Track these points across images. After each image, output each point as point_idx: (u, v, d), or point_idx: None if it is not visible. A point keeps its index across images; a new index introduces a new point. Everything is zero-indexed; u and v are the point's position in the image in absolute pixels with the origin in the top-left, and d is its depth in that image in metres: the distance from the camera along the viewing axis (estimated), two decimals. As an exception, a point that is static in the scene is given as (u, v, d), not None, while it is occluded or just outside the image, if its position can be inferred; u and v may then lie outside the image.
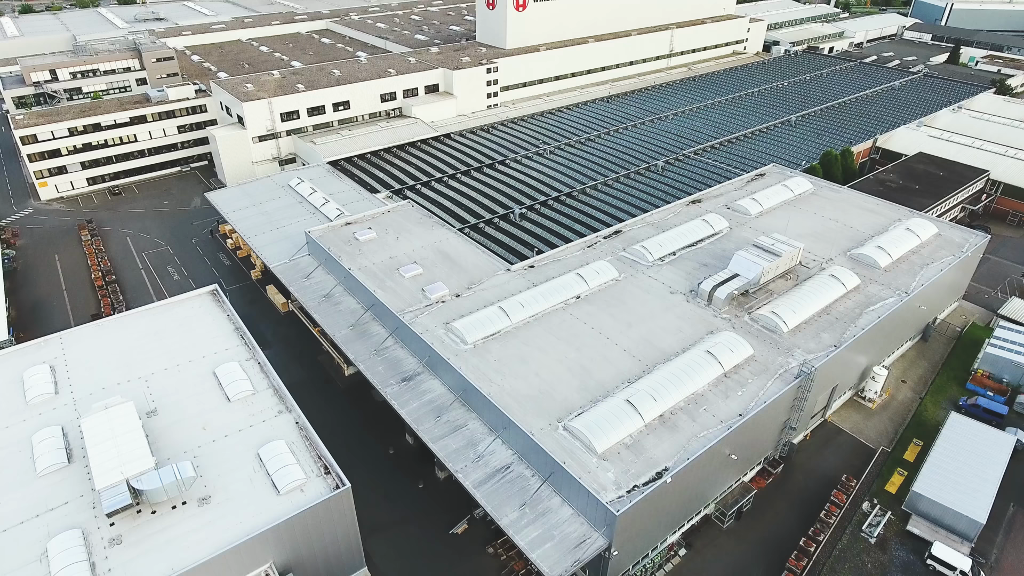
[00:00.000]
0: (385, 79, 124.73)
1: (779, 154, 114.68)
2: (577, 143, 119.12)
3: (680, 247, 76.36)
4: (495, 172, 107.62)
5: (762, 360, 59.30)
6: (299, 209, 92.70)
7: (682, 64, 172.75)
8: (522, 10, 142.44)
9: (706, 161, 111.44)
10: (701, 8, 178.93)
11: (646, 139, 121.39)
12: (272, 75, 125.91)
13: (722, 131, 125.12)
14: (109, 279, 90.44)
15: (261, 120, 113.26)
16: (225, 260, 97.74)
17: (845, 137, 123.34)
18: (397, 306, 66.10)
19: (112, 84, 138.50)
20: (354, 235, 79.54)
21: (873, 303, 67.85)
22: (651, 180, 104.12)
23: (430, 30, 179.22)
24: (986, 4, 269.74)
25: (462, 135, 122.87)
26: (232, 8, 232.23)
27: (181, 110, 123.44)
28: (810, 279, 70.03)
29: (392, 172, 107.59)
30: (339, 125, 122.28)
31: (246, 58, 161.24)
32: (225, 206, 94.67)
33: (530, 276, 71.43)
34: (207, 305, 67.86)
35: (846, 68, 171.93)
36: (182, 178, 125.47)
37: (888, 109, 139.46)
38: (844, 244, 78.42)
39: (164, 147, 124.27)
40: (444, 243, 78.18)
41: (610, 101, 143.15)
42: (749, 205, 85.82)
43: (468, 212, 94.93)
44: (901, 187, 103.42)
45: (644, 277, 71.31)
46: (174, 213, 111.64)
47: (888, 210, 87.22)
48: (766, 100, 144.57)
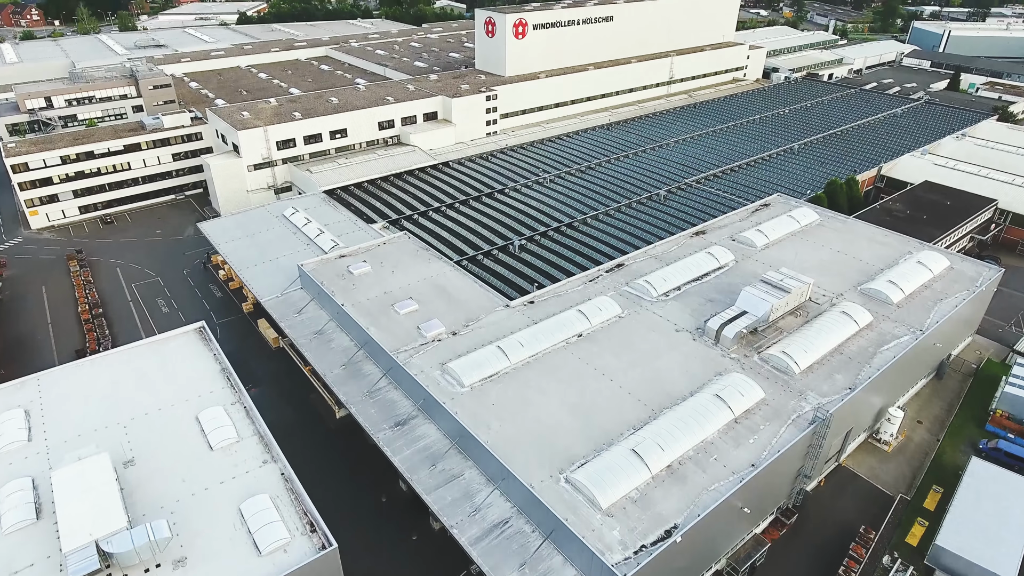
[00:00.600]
0: (383, 107, 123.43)
1: (783, 183, 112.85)
2: (577, 171, 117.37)
3: (685, 281, 73.88)
4: (494, 201, 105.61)
5: (774, 404, 56.41)
6: (293, 240, 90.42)
7: (682, 91, 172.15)
8: (522, 38, 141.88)
9: (709, 190, 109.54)
10: (701, 35, 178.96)
11: (647, 167, 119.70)
12: (269, 103, 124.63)
13: (724, 159, 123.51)
14: (96, 312, 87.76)
15: (256, 148, 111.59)
16: (216, 292, 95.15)
17: (849, 165, 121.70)
18: (391, 345, 63.40)
19: (108, 111, 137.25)
20: (348, 268, 77.09)
21: (887, 341, 65.16)
22: (653, 210, 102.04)
23: (429, 57, 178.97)
24: (983, 31, 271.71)
25: (461, 163, 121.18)
26: (233, 35, 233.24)
27: (176, 138, 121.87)
28: (821, 316, 67.42)
29: (389, 201, 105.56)
30: (336, 153, 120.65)
31: (244, 85, 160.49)
32: (217, 237, 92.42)
33: (530, 312, 68.82)
34: (193, 343, 65.07)
35: (847, 95, 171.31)
36: (176, 206, 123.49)
37: (891, 137, 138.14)
38: (854, 278, 75.96)
39: (158, 175, 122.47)
40: (441, 277, 75.68)
41: (610, 129, 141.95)
42: (755, 237, 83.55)
43: (466, 243, 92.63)
44: (908, 217, 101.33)
45: (648, 314, 68.69)
46: (166, 242, 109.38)
47: (897, 242, 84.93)
48: (768, 127, 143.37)
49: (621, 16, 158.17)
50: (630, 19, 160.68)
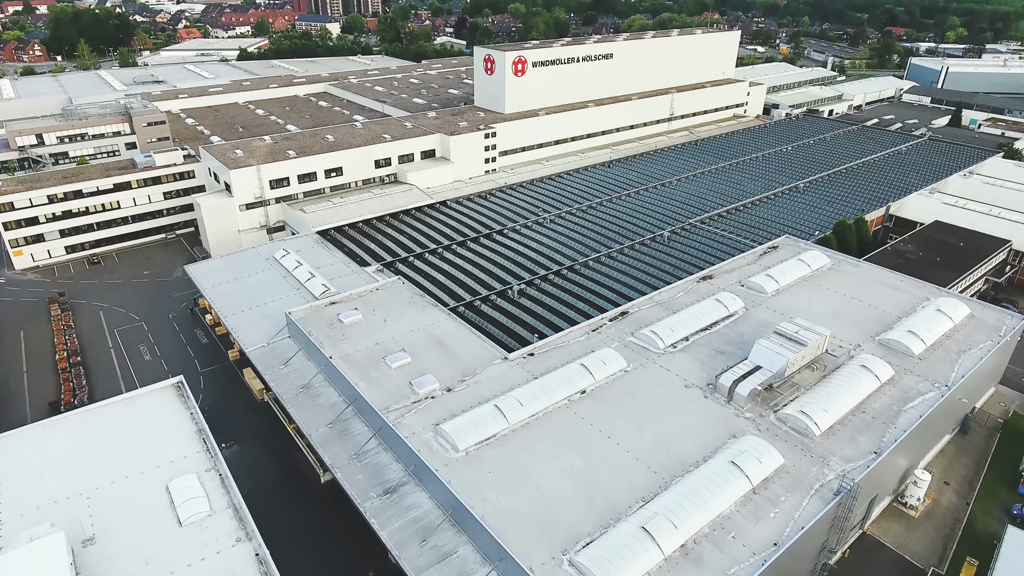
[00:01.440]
0: (379, 145, 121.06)
1: (790, 223, 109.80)
2: (578, 211, 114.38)
3: (693, 331, 69.97)
4: (492, 243, 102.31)
5: (794, 472, 52.01)
6: (283, 284, 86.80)
7: (683, 127, 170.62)
8: (521, 75, 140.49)
9: (714, 231, 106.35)
10: (701, 72, 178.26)
11: (650, 206, 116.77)
12: (263, 140, 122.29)
13: (728, 198, 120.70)
14: (74, 360, 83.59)
15: (249, 188, 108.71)
16: (202, 337, 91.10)
17: (856, 204, 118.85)
18: (381, 402, 59.22)
19: (100, 148, 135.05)
20: (338, 317, 73.23)
21: (911, 398, 61.03)
22: (657, 252, 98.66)
23: (428, 94, 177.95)
24: (980, 68, 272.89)
25: (459, 202, 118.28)
26: (232, 71, 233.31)
27: (168, 176, 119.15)
28: (839, 370, 63.39)
29: (384, 242, 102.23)
30: (331, 192, 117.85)
31: (241, 121, 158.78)
32: (204, 280, 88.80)
33: (529, 366, 64.76)
34: (169, 401, 60.82)
35: (849, 132, 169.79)
36: (166, 246, 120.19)
37: (897, 174, 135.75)
38: (871, 327, 72.10)
39: (148, 214, 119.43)
40: (435, 326, 71.78)
41: (611, 166, 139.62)
42: (764, 282, 79.92)
43: (463, 288, 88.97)
44: (921, 259, 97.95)
45: (655, 367, 64.63)
46: (153, 284, 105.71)
47: (913, 287, 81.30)
48: (771, 165, 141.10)
49: (621, 53, 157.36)
50: (630, 56, 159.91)
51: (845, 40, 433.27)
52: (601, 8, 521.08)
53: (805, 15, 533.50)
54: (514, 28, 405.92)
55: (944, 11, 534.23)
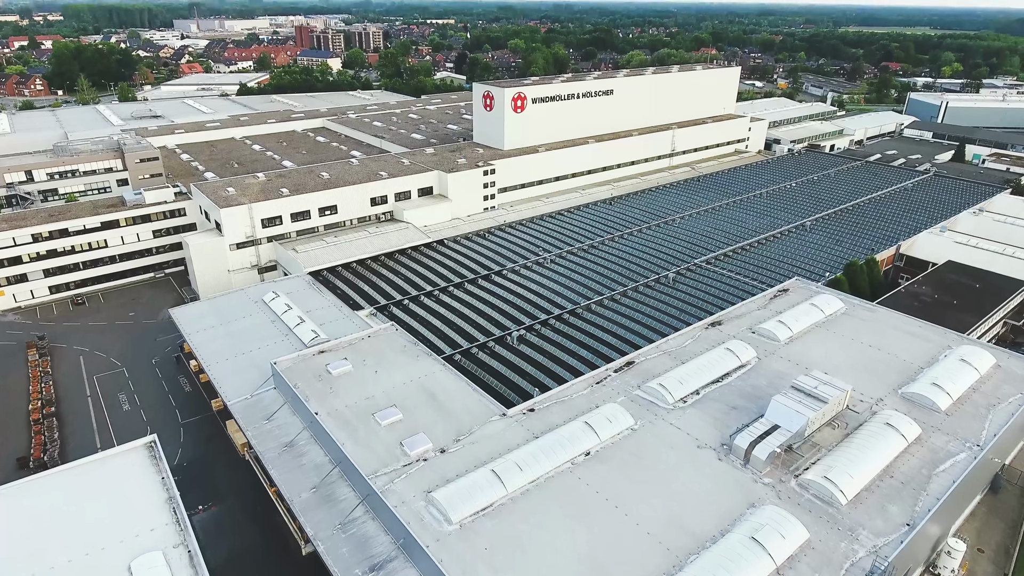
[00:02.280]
0: (376, 182, 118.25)
1: (798, 263, 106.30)
2: (580, 250, 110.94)
3: (704, 384, 65.74)
4: (491, 284, 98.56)
5: (821, 548, 47.29)
6: (271, 330, 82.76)
7: (685, 163, 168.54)
8: (520, 111, 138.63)
9: (720, 272, 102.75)
10: (702, 108, 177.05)
11: (653, 246, 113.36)
12: (257, 177, 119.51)
13: (733, 237, 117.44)
14: (48, 411, 79.06)
15: (240, 227, 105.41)
16: (186, 385, 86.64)
17: (865, 243, 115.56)
18: (369, 466, 54.74)
19: (91, 185, 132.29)
20: (327, 367, 69.02)
21: (942, 460, 56.58)
22: (662, 294, 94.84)
23: (427, 129, 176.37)
24: (980, 102, 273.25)
25: (456, 241, 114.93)
26: (231, 106, 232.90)
27: (158, 214, 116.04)
28: (862, 428, 59.00)
29: (378, 284, 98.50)
30: (325, 230, 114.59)
31: (237, 157, 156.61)
32: (189, 325, 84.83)
33: (529, 423, 60.37)
34: (140, 464, 56.26)
35: (853, 167, 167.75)
36: (154, 285, 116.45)
37: (905, 212, 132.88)
38: (892, 379, 67.88)
39: (137, 252, 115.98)
40: (430, 379, 67.53)
41: (613, 203, 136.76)
42: (776, 329, 75.93)
43: (460, 333, 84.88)
44: (937, 302, 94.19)
45: (665, 424, 60.24)
46: (138, 327, 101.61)
47: (933, 334, 77.30)
48: (776, 202, 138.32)
49: (621, 89, 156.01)
50: (630, 92, 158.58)
51: (842, 75, 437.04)
52: (600, 44, 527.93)
53: (801, 51, 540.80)
54: (514, 64, 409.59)
55: (938, 47, 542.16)
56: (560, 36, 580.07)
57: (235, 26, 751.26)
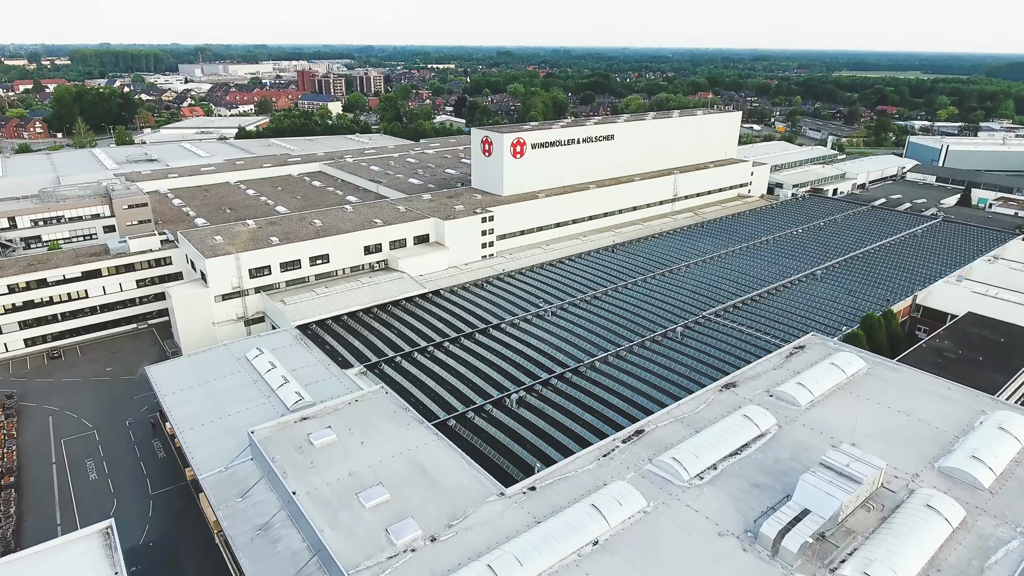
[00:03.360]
0: (370, 230, 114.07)
1: (811, 316, 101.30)
2: (582, 301, 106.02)
3: (721, 456, 59.91)
4: (489, 339, 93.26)
5: (868, 664, 40.97)
6: (252, 391, 77.15)
7: (687, 208, 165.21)
8: (519, 157, 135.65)
9: (730, 325, 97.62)
10: (704, 153, 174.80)
11: (658, 296, 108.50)
12: (246, 225, 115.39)
13: (742, 286, 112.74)
14: (7, 481, 72.84)
15: (226, 277, 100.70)
16: (160, 450, 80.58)
17: (879, 294, 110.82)
18: (351, 557, 48.61)
19: (76, 232, 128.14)
20: (308, 437, 63.23)
21: (992, 548, 50.42)
22: (670, 351, 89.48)
23: (425, 173, 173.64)
24: (980, 146, 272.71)
25: (453, 292, 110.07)
26: (228, 149, 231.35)
27: (143, 263, 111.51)
28: (900, 511, 52.96)
29: (369, 339, 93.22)
30: (316, 280, 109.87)
31: (230, 202, 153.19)
32: (165, 385, 79.18)
33: (530, 505, 54.36)
34: (92, 554, 49.97)
35: (859, 213, 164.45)
36: (136, 337, 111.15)
37: (917, 259, 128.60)
38: (926, 450, 62.09)
39: (119, 303, 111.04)
40: (421, 451, 61.68)
41: (615, 251, 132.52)
42: (796, 392, 70.38)
43: (455, 395, 79.22)
44: (962, 359, 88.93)
45: (680, 506, 54.22)
46: (114, 383, 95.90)
47: (965, 397, 71.73)
48: (784, 249, 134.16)
49: (622, 134, 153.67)
50: (631, 137, 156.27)
51: (839, 119, 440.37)
52: (598, 88, 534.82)
53: (797, 95, 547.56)
54: (513, 107, 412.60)
55: (932, 91, 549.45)
56: (559, 80, 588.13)
57: (239, 70, 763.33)
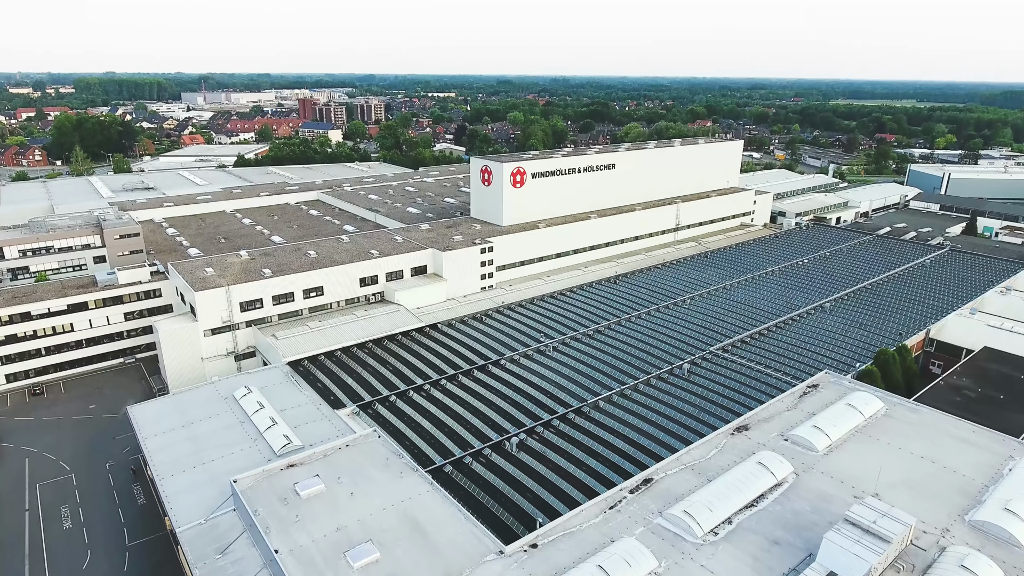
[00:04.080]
0: (366, 262, 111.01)
1: (822, 351, 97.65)
2: (584, 335, 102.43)
3: (736, 509, 55.86)
4: (488, 376, 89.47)
5: None
6: (238, 433, 73.34)
7: (690, 237, 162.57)
8: (519, 186, 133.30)
9: (738, 361, 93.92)
10: (706, 181, 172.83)
11: (663, 330, 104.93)
12: (239, 256, 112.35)
13: (749, 320, 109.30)
14: (-26, 531, 68.57)
15: (216, 311, 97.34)
16: (140, 496, 76.25)
17: (891, 327, 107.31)
18: (335, 627, 44.33)
19: (65, 263, 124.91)
20: (295, 487, 59.20)
21: (1035, 616, 46.22)
22: (677, 389, 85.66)
23: (424, 202, 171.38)
24: (982, 174, 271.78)
25: (451, 325, 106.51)
26: (227, 177, 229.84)
27: (131, 295, 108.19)
28: (932, 572, 48.83)
29: (363, 376, 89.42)
30: (310, 313, 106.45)
31: (225, 231, 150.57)
32: (147, 427, 75.39)
33: (532, 565, 50.17)
34: (53, 624, 45.80)
35: (865, 242, 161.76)
36: (122, 372, 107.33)
37: (927, 290, 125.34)
38: (956, 502, 58.05)
39: (105, 336, 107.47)
40: (414, 503, 57.60)
41: (617, 282, 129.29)
42: (812, 436, 66.49)
43: (452, 438, 75.19)
44: (981, 397, 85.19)
45: (695, 567, 50.06)
46: (97, 422, 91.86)
47: (990, 441, 67.83)
48: (790, 280, 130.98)
49: (623, 163, 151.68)
50: (632, 166, 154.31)
51: (838, 146, 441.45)
52: (597, 117, 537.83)
53: (795, 123, 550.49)
54: (513, 136, 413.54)
55: (929, 119, 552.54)
56: (558, 109, 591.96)
57: (241, 99, 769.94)
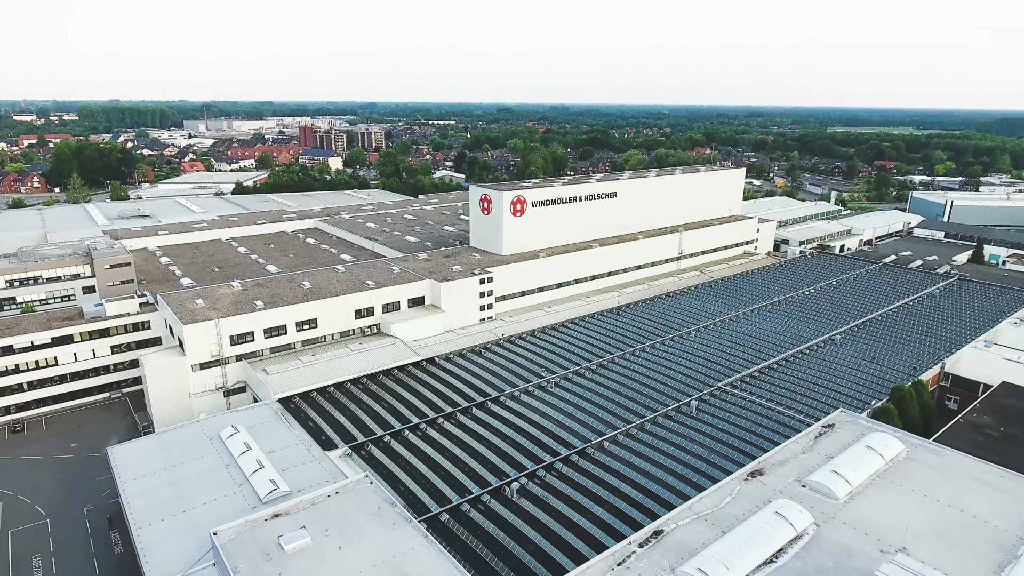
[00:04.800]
0: (361, 293, 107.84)
1: (835, 387, 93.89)
2: (587, 370, 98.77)
3: (755, 566, 51.79)
4: (486, 414, 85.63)
5: None
6: (223, 477, 69.35)
7: (693, 266, 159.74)
8: (520, 215, 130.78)
9: (747, 398, 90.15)
10: (708, 210, 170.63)
11: (668, 365, 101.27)
12: (231, 287, 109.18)
13: (757, 353, 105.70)
14: (-63, 585, 64.17)
15: (205, 345, 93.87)
16: (117, 544, 71.81)
17: (904, 361, 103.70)
18: None
19: (53, 293, 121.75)
20: (279, 541, 55.03)
21: None
22: (685, 429, 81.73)
23: (422, 231, 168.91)
24: (985, 201, 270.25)
25: (449, 359, 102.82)
26: (225, 205, 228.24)
27: (118, 327, 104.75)
28: (972, 640, 44.69)
29: (357, 414, 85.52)
30: (303, 346, 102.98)
31: (219, 260, 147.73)
32: (127, 470, 71.40)
33: (534, 632, 46.01)
34: None
35: (871, 271, 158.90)
36: (107, 407, 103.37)
37: (938, 322, 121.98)
38: (990, 557, 53.93)
39: (91, 370, 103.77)
40: (407, 558, 53.43)
41: (620, 312, 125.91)
42: (832, 482, 62.58)
43: (449, 482, 71.08)
44: (1004, 436, 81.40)
45: (712, 634, 45.87)
46: (77, 462, 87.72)
47: (1019, 486, 63.89)
48: (797, 311, 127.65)
49: (625, 192, 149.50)
50: (634, 195, 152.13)
51: (838, 173, 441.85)
52: (597, 144, 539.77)
53: (794, 150, 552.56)
54: (512, 163, 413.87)
55: (927, 146, 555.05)
56: (558, 136, 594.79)
57: (243, 126, 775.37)
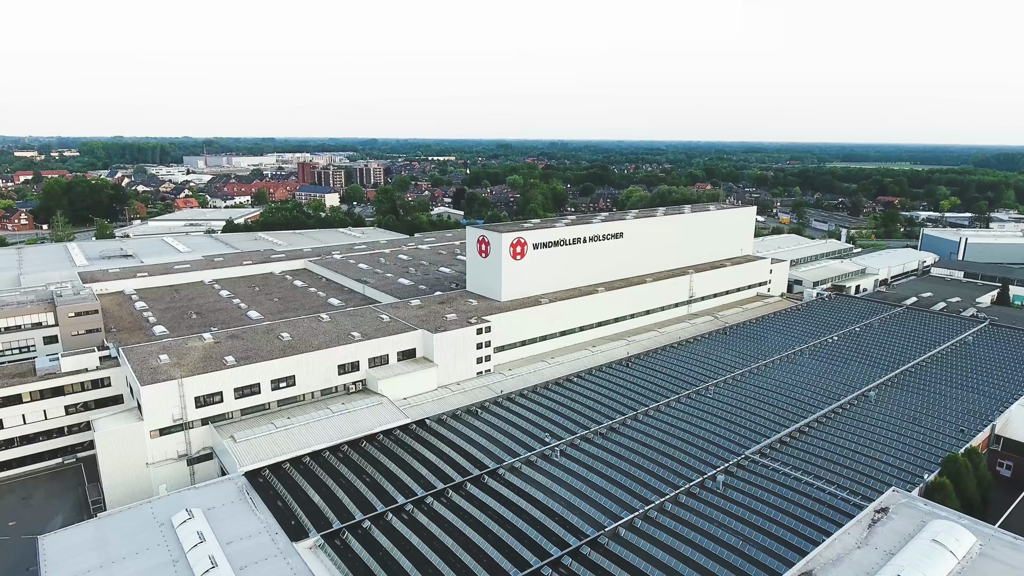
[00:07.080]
0: (345, 346, 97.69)
1: (878, 455, 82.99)
2: (596, 434, 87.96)
3: None
4: (481, 491, 74.55)
5: None
6: (167, 579, 58.12)
7: (705, 311, 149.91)
8: (520, 258, 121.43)
9: (780, 470, 79.14)
10: (718, 250, 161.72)
11: (687, 428, 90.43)
12: (202, 339, 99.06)
13: (786, 414, 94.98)
14: None
15: (166, 408, 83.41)
16: (41, 658, 60.32)
17: (949, 423, 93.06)
18: None
19: (11, 344, 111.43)
20: None
21: None
22: (711, 511, 70.55)
23: (417, 272, 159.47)
24: (1000, 238, 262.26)
25: (441, 421, 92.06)
26: (213, 244, 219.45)
27: (75, 385, 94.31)
28: None
29: (333, 492, 74.39)
30: (279, 407, 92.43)
31: (199, 304, 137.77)
32: (54, 568, 60.12)
33: None
34: None
35: (895, 315, 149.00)
36: (57, 475, 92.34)
37: (979, 374, 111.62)
38: None
39: (41, 433, 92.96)
40: None
41: (630, 364, 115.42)
42: (899, 592, 51.59)
43: (437, 583, 59.93)
44: (1081, 519, 70.24)
45: None
46: (14, 545, 76.41)
47: (1125, 596, 52.91)
48: (823, 363, 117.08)
49: (631, 232, 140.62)
50: (641, 235, 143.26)
51: (843, 209, 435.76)
52: (597, 180, 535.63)
53: (795, 186, 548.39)
54: (512, 199, 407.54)
55: (929, 181, 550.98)
56: (557, 172, 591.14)
57: (242, 162, 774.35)
